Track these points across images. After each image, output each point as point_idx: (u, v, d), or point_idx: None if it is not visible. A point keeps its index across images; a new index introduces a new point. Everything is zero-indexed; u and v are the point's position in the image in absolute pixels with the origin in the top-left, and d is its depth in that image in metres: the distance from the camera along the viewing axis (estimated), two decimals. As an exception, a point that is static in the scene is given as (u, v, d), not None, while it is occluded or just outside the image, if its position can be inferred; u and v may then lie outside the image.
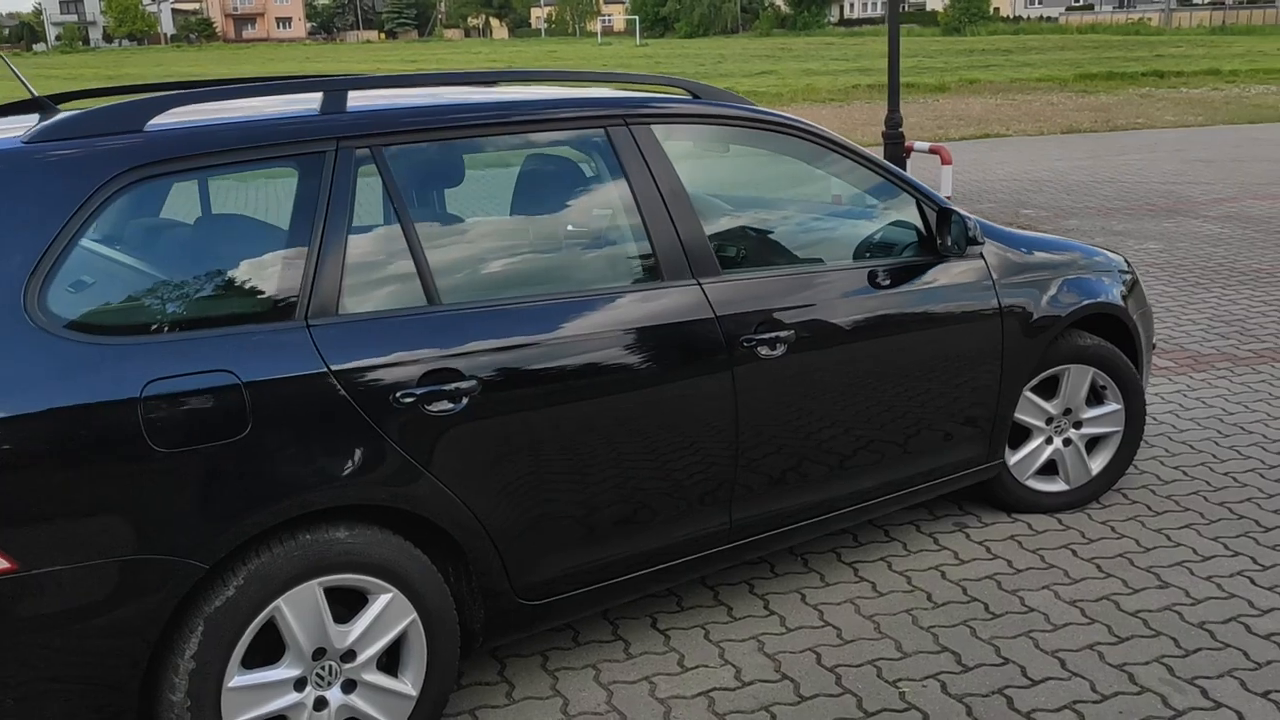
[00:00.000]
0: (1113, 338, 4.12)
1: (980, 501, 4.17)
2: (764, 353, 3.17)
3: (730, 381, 3.12)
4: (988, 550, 3.86)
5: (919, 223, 3.65)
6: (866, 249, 3.63)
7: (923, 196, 3.64)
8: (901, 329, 3.50)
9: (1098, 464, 4.14)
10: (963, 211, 3.57)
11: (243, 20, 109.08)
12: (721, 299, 3.13)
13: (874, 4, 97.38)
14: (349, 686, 2.67)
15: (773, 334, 3.18)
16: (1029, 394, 3.94)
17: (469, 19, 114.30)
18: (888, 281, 3.49)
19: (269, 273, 2.60)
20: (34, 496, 2.27)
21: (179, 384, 2.40)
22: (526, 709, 3.05)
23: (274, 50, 71.37)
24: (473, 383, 2.71)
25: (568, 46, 70.46)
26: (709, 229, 3.22)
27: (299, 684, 2.59)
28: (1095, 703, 2.98)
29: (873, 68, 34.10)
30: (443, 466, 2.69)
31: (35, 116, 2.85)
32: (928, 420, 3.60)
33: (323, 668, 2.62)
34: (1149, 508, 4.13)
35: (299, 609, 2.55)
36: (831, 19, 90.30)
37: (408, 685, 2.73)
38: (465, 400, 2.70)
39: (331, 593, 2.60)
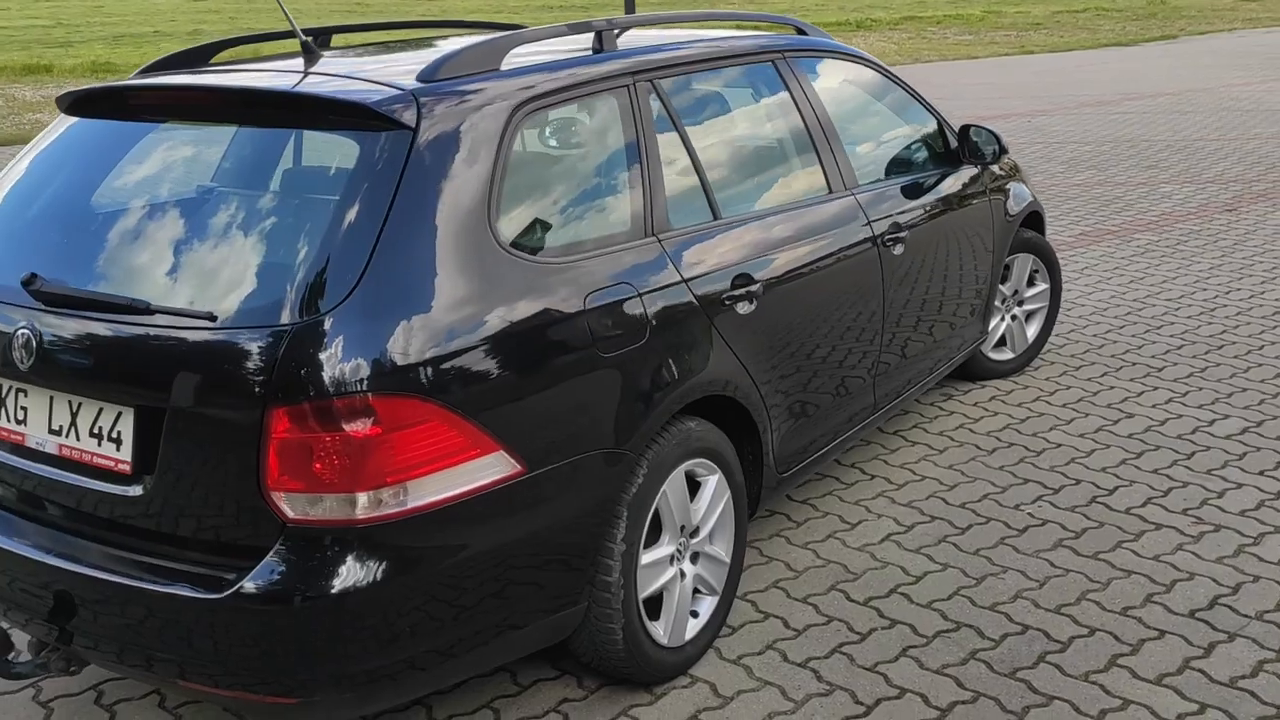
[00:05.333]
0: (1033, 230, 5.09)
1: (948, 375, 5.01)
2: (896, 251, 3.78)
3: (880, 275, 3.71)
4: (985, 410, 4.72)
5: (939, 139, 4.37)
6: (917, 163, 4.30)
7: (942, 118, 4.38)
8: (955, 224, 4.23)
9: (1031, 334, 5.12)
10: (989, 126, 4.35)
11: None
12: (868, 206, 3.70)
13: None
14: (694, 558, 3.03)
15: (898, 234, 3.80)
16: (995, 280, 4.82)
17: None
18: (944, 188, 4.20)
19: (623, 194, 2.87)
20: (531, 404, 2.47)
21: (605, 295, 2.66)
22: (756, 573, 3.50)
23: None
24: (759, 286, 3.12)
25: None
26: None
27: (671, 559, 2.93)
28: (1165, 493, 3.89)
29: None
30: (748, 358, 3.09)
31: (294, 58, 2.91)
32: (963, 302, 4.37)
33: (680, 544, 2.96)
34: (1068, 366, 5.17)
35: (675, 492, 2.88)
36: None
37: (722, 553, 3.12)
38: (756, 300, 3.11)
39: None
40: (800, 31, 3.93)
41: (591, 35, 3.05)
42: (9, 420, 2.52)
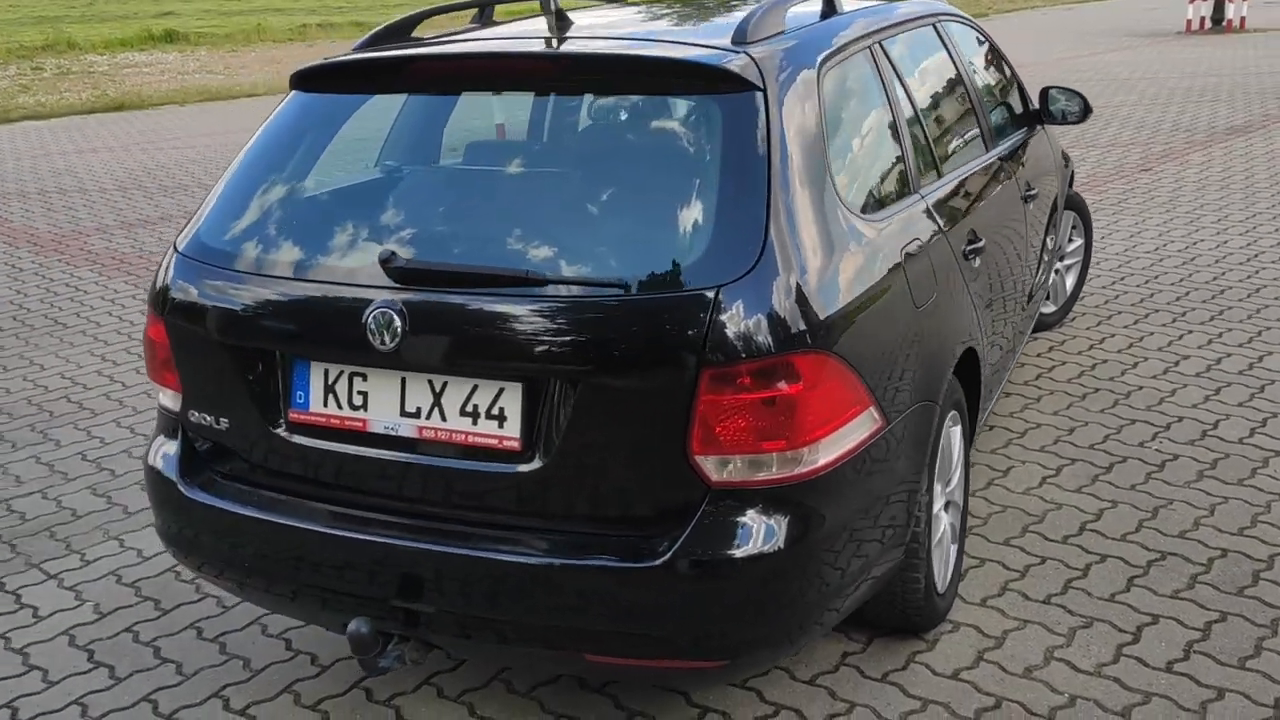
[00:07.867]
0: (1066, 190, 5.37)
1: (999, 330, 5.24)
2: (1030, 207, 3.95)
3: (1025, 226, 3.88)
4: (1053, 359, 4.96)
5: (1021, 98, 4.55)
6: (1014, 122, 4.45)
7: (1019, 77, 4.57)
8: (1050, 180, 4.44)
9: (1070, 285, 5.40)
10: (1075, 88, 4.55)
11: None
12: (1010, 161, 3.85)
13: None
14: (947, 507, 3.11)
15: (1030, 191, 3.97)
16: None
17: None
18: (1042, 146, 4.40)
19: (892, 151, 2.91)
20: (887, 359, 2.49)
21: (911, 248, 2.70)
22: (943, 522, 3.60)
23: None
24: (982, 241, 3.22)
25: None
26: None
27: (943, 508, 3.00)
28: (1263, 423, 4.19)
29: (319, 6, 33.43)
30: (979, 312, 3.18)
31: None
32: (1047, 253, 4.58)
33: (946, 493, 3.04)
34: (1099, 316, 5.48)
35: (948, 441, 2.95)
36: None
37: (959, 501, 3.21)
38: (979, 256, 3.20)
39: None
40: (927, -5, 4.04)
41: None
42: (345, 407, 2.38)
